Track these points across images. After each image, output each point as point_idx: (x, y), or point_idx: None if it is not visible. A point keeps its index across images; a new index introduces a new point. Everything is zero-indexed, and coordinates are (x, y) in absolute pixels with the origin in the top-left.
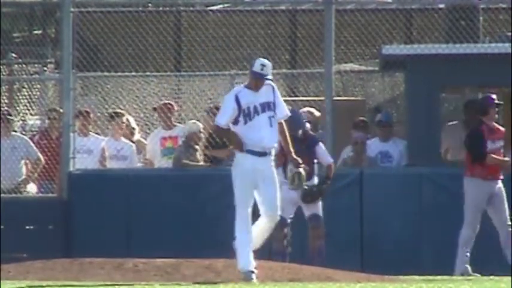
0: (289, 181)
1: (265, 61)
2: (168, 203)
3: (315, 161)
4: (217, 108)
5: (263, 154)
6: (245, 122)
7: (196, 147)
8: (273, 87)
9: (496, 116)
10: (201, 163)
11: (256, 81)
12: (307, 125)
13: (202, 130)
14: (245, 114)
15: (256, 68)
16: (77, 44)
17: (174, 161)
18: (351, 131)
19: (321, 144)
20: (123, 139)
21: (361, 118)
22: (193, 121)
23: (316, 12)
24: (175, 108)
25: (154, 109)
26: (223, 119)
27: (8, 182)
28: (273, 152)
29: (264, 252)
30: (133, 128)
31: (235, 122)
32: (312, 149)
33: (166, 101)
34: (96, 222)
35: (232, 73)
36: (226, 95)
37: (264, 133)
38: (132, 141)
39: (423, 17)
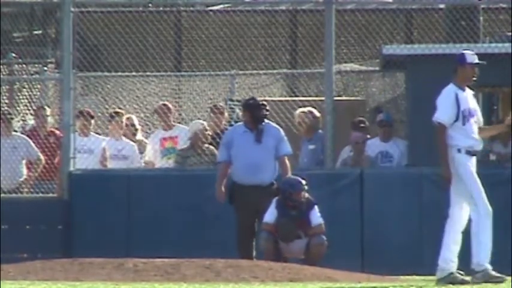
0: None
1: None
2: (168, 203)
3: None
4: (217, 107)
5: (475, 155)
6: (463, 123)
7: (203, 146)
8: (473, 94)
9: None
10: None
11: (474, 73)
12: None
13: (207, 127)
14: (463, 116)
15: (472, 58)
16: (77, 44)
17: (178, 159)
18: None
19: (316, 207)
20: (124, 139)
21: (360, 118)
22: (197, 121)
23: (317, 12)
24: (172, 108)
25: (155, 111)
26: (447, 117)
27: (8, 182)
28: None
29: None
30: (136, 129)
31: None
32: (308, 213)
33: (164, 102)
34: (96, 222)
35: (233, 73)
36: (445, 92)
37: (477, 137)
38: (134, 141)
39: (423, 17)
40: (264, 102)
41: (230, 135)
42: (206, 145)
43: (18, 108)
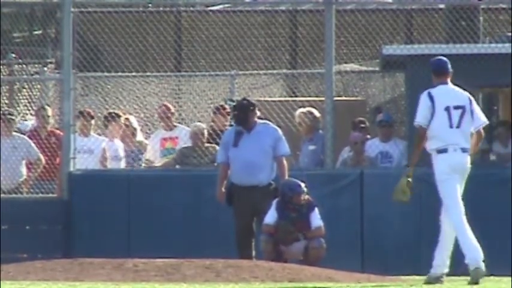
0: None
1: None
2: (168, 203)
3: None
4: (217, 108)
5: None
6: None
7: (202, 147)
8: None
9: None
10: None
11: None
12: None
13: (205, 127)
14: None
15: None
16: (77, 44)
17: (176, 157)
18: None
19: (316, 209)
20: (115, 140)
21: (360, 118)
22: (196, 123)
23: (317, 13)
24: (172, 108)
25: (157, 113)
26: None
27: (8, 182)
28: None
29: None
30: (135, 129)
31: None
32: (308, 215)
33: (164, 103)
34: (96, 222)
35: (233, 73)
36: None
37: None
38: (132, 142)
39: (423, 17)
40: (250, 104)
41: (228, 136)
42: (207, 145)
43: (18, 108)
